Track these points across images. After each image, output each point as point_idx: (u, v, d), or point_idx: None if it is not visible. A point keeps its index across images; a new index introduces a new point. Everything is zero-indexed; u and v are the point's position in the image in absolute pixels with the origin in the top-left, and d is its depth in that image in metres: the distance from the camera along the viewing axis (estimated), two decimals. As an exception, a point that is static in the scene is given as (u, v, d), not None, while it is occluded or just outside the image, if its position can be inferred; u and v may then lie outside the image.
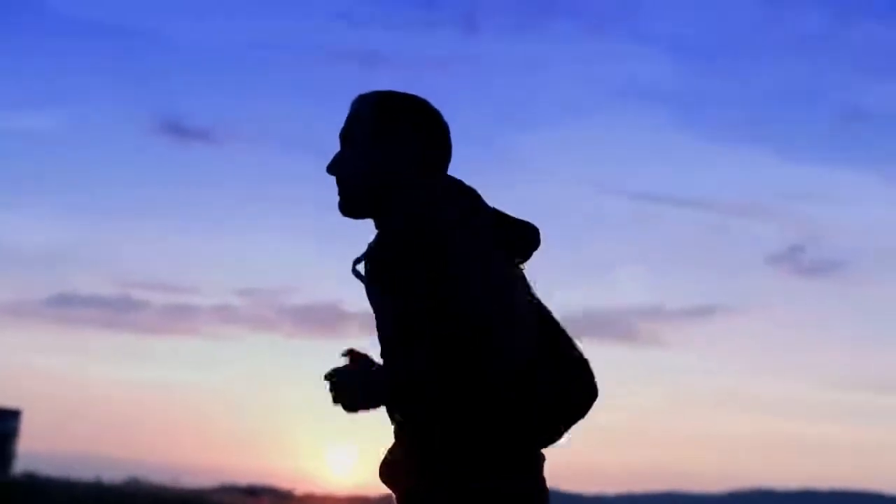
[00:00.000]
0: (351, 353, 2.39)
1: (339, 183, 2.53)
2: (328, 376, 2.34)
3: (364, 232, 2.51)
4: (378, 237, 2.43)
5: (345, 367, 2.36)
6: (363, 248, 2.45)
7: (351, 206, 2.52)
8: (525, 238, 2.46)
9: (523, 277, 2.44)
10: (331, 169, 2.53)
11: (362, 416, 2.35)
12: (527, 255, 2.47)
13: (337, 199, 2.53)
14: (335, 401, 2.33)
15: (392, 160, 2.47)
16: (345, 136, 2.54)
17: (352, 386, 2.32)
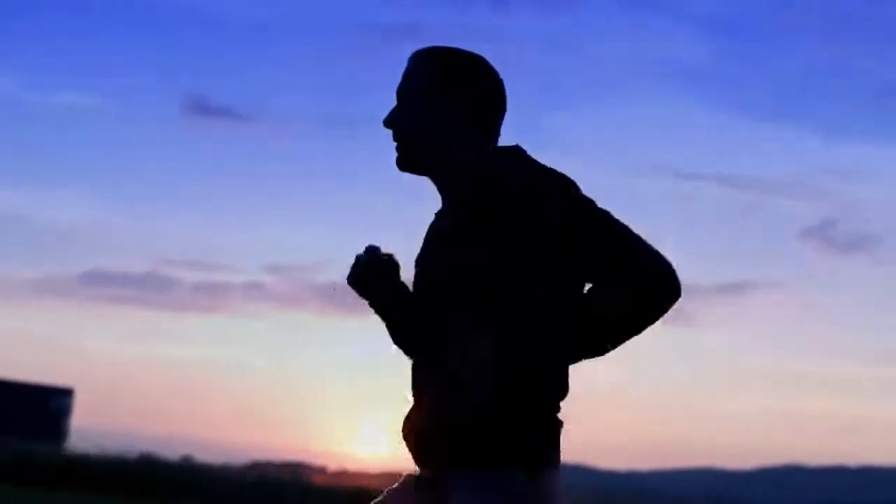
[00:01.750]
0: (374, 250, 2.54)
1: (396, 138, 2.54)
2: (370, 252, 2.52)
3: (392, 204, 2.31)
4: (463, 191, 2.46)
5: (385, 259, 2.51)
6: (391, 229, 2.54)
7: (409, 161, 2.53)
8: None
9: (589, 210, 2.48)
10: (388, 123, 2.55)
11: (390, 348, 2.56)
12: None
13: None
14: (357, 279, 2.53)
15: (449, 115, 2.49)
16: (401, 91, 2.55)
17: (381, 283, 2.52)
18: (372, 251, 2.52)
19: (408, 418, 2.49)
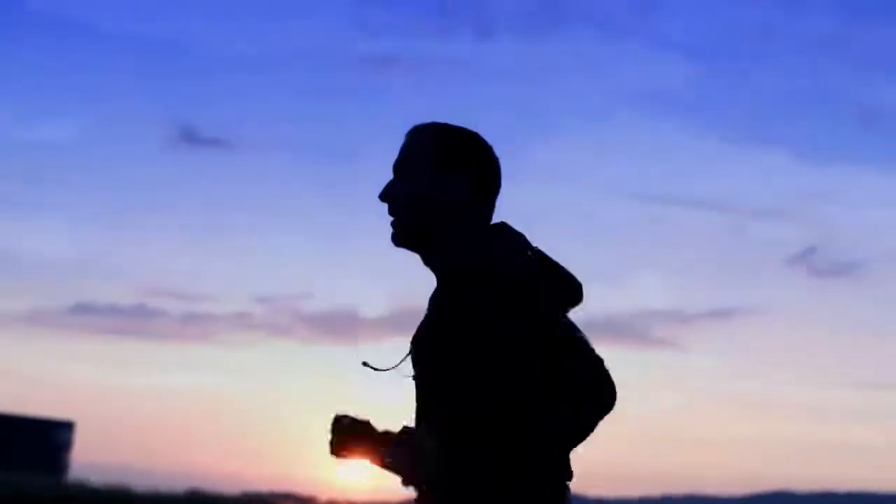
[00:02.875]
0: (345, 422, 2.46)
1: (392, 212, 2.53)
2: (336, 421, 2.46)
3: (378, 242, 2.54)
4: (455, 286, 2.44)
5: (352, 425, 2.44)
6: (378, 258, 2.61)
7: (406, 237, 2.52)
8: (573, 290, 2.47)
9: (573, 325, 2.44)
10: (383, 197, 2.53)
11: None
12: (574, 305, 2.46)
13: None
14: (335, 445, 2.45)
15: (448, 193, 2.48)
16: (400, 165, 2.54)
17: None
18: (335, 420, 2.46)
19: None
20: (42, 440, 35.17)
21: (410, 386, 2.52)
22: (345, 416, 2.45)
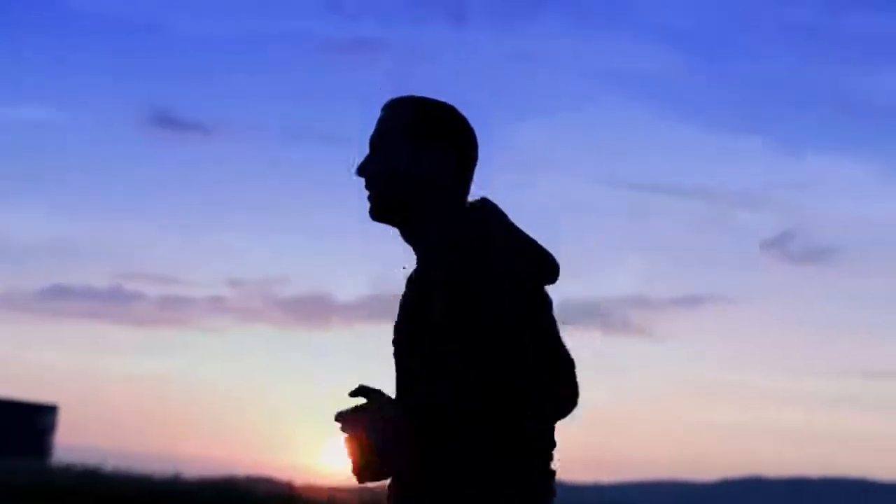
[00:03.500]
0: (362, 391, 2.32)
1: (369, 187, 2.52)
2: (338, 417, 2.31)
3: (352, 227, 2.67)
4: (429, 259, 2.44)
5: (355, 408, 2.30)
6: (353, 243, 2.59)
7: (382, 211, 2.51)
8: (550, 267, 2.47)
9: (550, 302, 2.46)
10: (361, 171, 2.52)
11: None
12: (550, 283, 2.47)
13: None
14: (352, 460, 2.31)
15: (425, 166, 2.47)
16: (376, 140, 2.53)
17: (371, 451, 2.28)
18: (362, 393, 2.33)
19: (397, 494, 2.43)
20: (25, 424, 35.35)
21: (383, 368, 2.48)
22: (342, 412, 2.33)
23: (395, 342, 2.49)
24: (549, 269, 2.45)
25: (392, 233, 2.55)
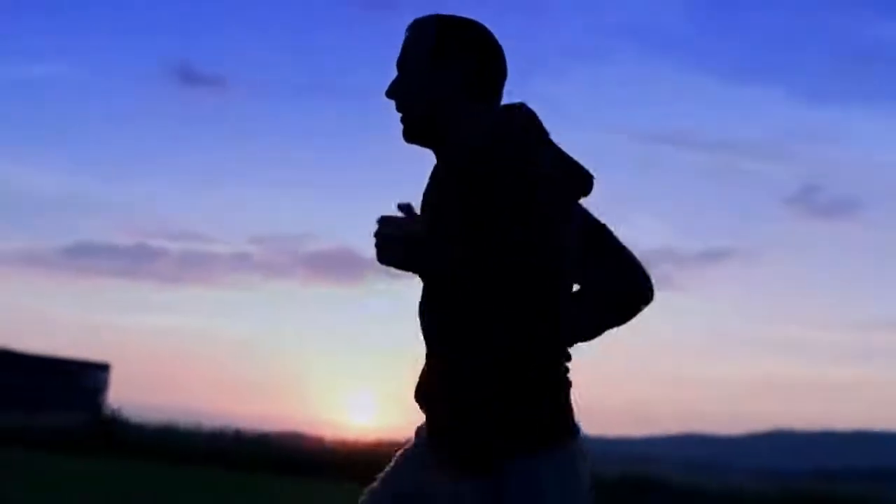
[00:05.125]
0: (408, 208, 2.38)
1: (399, 108, 2.52)
2: (380, 220, 2.37)
3: (376, 181, 2.98)
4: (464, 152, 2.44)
5: (397, 219, 2.36)
6: (379, 197, 2.43)
7: (415, 131, 2.50)
8: (584, 177, 2.46)
9: (583, 212, 2.48)
10: (390, 93, 2.53)
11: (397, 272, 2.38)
12: (585, 195, 2.47)
13: (399, 125, 2.52)
14: (378, 250, 2.36)
15: (453, 83, 2.47)
16: (402, 61, 2.54)
17: (396, 241, 2.34)
18: (406, 209, 2.38)
19: (418, 385, 2.50)
20: (78, 382, 36.01)
21: (409, 327, 2.50)
22: (392, 217, 2.38)
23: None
24: (583, 179, 2.46)
25: (427, 157, 2.54)
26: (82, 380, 36.39)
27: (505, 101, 2.53)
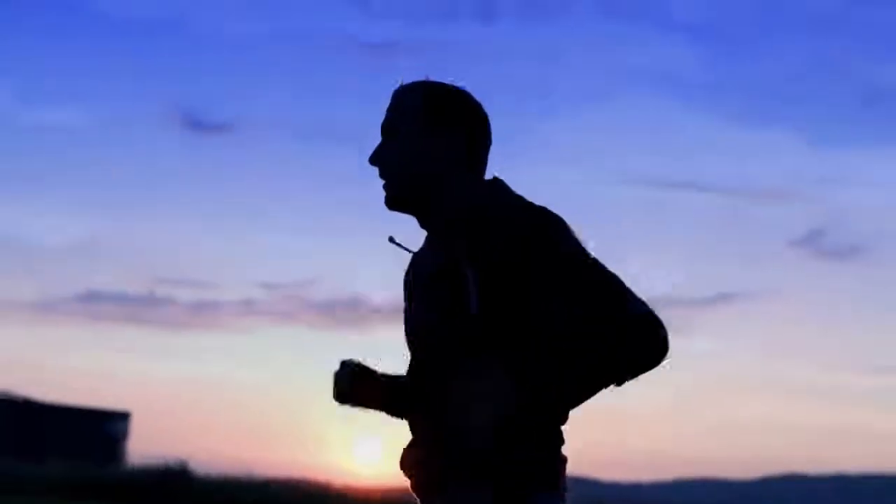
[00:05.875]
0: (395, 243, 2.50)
1: (383, 175, 2.48)
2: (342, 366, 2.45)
3: (384, 226, 2.55)
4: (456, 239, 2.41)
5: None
6: (386, 244, 2.54)
7: (399, 198, 2.48)
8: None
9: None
10: (374, 160, 2.49)
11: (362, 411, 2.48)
12: None
13: (381, 192, 2.50)
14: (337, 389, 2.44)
15: (439, 152, 2.44)
16: (388, 126, 2.50)
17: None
18: (345, 364, 2.46)
19: (412, 451, 2.48)
20: (98, 431, 35.83)
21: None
22: (350, 361, 2.46)
23: (420, 335, 2.48)
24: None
25: (412, 224, 2.53)
26: (104, 429, 36.43)
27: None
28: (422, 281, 2.48)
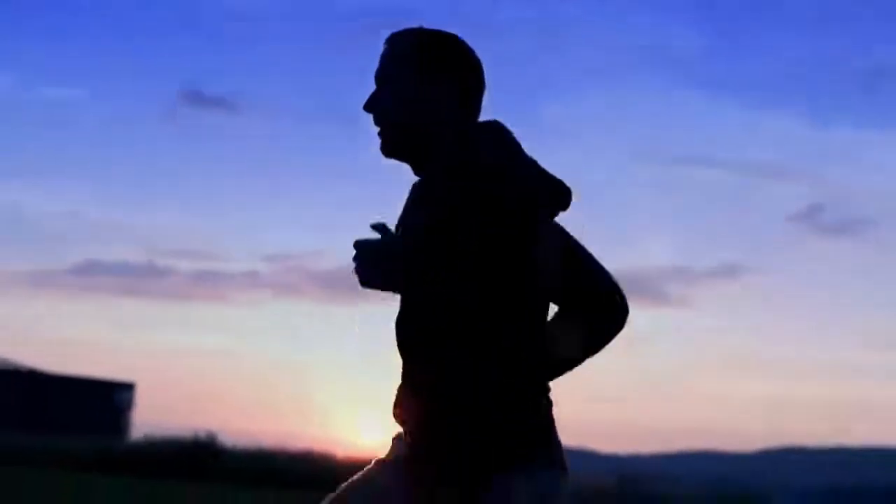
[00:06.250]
0: (382, 228, 2.37)
1: (378, 122, 2.48)
2: (356, 244, 2.36)
3: (387, 192, 2.55)
4: (443, 170, 2.41)
5: (374, 241, 2.35)
6: (387, 209, 2.51)
7: (393, 146, 2.47)
8: (562, 192, 2.43)
9: (559, 228, 2.45)
10: (368, 107, 2.49)
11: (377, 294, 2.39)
12: (563, 209, 2.44)
13: (377, 139, 2.50)
14: (357, 272, 2.36)
15: (432, 97, 2.44)
16: (381, 74, 2.50)
17: (374, 260, 2.33)
18: (380, 228, 2.38)
19: (395, 403, 2.48)
20: (104, 401, 35.67)
21: None
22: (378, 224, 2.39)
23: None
24: (561, 194, 2.43)
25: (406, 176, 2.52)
26: (110, 400, 36.33)
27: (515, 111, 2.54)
28: (412, 233, 2.45)
